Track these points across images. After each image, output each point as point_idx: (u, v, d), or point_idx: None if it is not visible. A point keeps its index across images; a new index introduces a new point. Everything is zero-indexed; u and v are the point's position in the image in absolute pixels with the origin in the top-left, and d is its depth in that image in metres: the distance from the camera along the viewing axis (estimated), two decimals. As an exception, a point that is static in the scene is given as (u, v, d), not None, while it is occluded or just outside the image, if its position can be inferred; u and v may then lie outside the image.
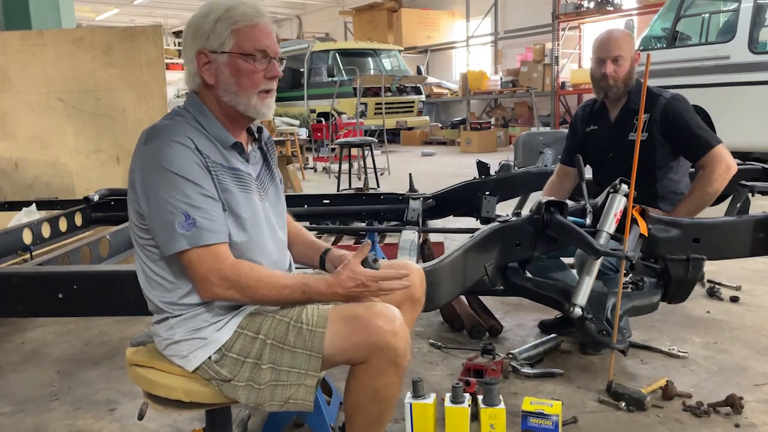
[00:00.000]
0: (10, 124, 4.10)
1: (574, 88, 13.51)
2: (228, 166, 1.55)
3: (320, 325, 1.49)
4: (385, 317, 1.48)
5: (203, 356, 1.51)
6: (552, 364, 2.58)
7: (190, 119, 1.56)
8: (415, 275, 1.78)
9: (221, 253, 1.47)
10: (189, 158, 1.46)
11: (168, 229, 1.44)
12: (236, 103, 1.55)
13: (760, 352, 2.66)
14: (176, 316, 1.54)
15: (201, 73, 1.54)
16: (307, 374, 1.48)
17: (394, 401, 1.57)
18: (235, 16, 1.52)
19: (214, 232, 1.46)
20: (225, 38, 1.51)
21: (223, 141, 1.56)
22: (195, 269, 1.46)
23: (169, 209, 1.44)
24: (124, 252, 3.10)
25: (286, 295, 1.51)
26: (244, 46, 1.52)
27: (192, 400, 1.53)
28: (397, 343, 1.47)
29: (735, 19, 7.33)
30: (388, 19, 17.86)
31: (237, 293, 1.48)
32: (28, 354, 2.93)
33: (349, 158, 7.76)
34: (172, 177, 1.44)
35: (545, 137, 7.42)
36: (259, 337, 1.51)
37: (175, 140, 1.47)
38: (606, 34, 2.79)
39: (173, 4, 20.92)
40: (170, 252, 1.46)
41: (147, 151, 1.48)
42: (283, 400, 1.49)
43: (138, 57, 4.05)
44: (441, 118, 17.29)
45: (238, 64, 1.52)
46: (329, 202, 3.61)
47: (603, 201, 2.27)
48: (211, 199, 1.48)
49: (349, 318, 1.49)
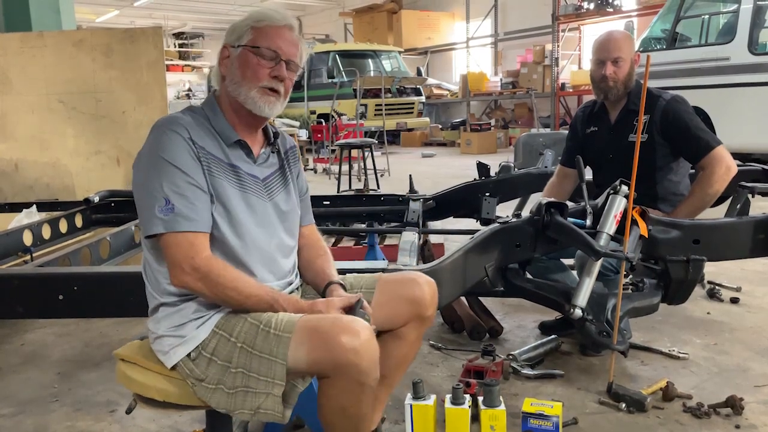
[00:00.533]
0: (11, 126, 4.10)
1: (574, 90, 13.52)
2: (227, 161, 1.58)
3: (287, 330, 1.45)
4: (350, 332, 1.39)
5: (182, 353, 1.52)
6: (552, 365, 2.58)
7: (200, 114, 1.61)
8: (425, 291, 1.69)
9: (198, 243, 1.48)
10: (181, 146, 1.51)
11: (148, 212, 1.48)
12: (237, 93, 1.59)
13: (761, 353, 2.66)
14: (164, 305, 1.55)
15: (220, 69, 1.63)
16: (273, 383, 1.43)
17: (367, 416, 1.52)
18: (260, 16, 1.60)
19: (192, 221, 1.48)
20: (244, 33, 1.59)
21: (226, 137, 1.60)
22: (170, 254, 1.48)
23: (152, 192, 1.48)
24: (124, 253, 3.10)
25: (251, 303, 1.51)
26: (258, 41, 1.58)
27: (165, 399, 1.54)
28: (359, 361, 1.38)
29: (735, 20, 7.33)
30: (388, 21, 17.87)
31: (204, 287, 1.48)
32: (29, 355, 2.93)
33: (349, 159, 7.76)
34: (161, 162, 1.49)
35: (545, 138, 7.44)
36: (231, 340, 1.50)
37: (171, 129, 1.53)
38: (606, 36, 2.79)
39: (173, 6, 20.95)
40: (147, 233, 1.50)
41: (148, 139, 1.55)
42: (253, 408, 1.44)
43: (138, 59, 4.05)
44: (441, 120, 17.30)
45: (247, 57, 1.58)
46: (329, 203, 3.62)
47: (603, 202, 2.27)
48: (197, 188, 1.50)
49: (313, 330, 1.43)
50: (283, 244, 1.69)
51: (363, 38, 17.85)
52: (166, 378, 1.55)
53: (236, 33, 1.60)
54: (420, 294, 1.68)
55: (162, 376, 1.55)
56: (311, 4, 21.92)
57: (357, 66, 13.95)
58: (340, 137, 9.50)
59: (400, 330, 1.70)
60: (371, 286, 1.73)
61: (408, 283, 1.71)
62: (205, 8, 21.12)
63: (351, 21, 19.53)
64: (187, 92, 19.56)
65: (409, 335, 1.72)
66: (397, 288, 1.71)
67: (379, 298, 1.68)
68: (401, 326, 1.70)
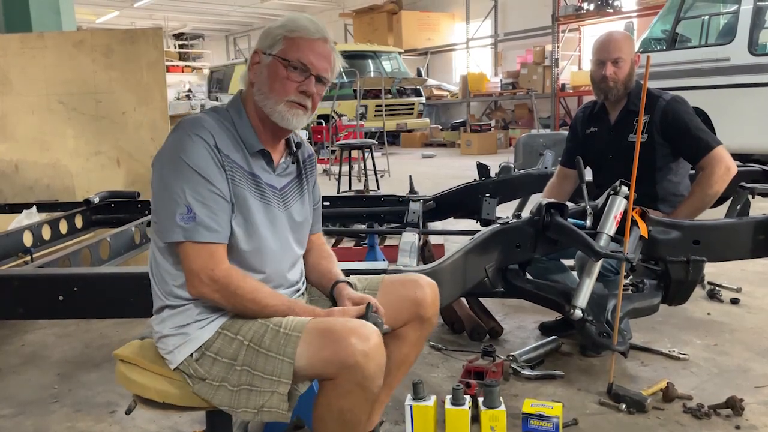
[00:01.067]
0: (11, 126, 4.11)
1: (574, 90, 13.52)
2: (248, 170, 1.56)
3: (296, 330, 1.46)
4: (360, 335, 1.40)
5: (186, 353, 1.52)
6: (552, 366, 2.58)
7: (225, 117, 1.58)
8: (427, 292, 1.70)
9: (218, 254, 1.48)
10: (206, 153, 1.48)
11: (168, 218, 1.46)
12: (264, 104, 1.56)
13: (761, 354, 2.66)
14: (169, 307, 1.55)
15: (249, 71, 1.59)
16: (279, 381, 1.43)
17: (362, 423, 1.51)
18: (294, 26, 1.56)
19: (213, 231, 1.47)
20: (277, 42, 1.55)
21: (250, 145, 1.57)
22: (188, 263, 1.47)
23: (174, 198, 1.46)
24: (124, 254, 3.11)
25: (268, 313, 1.52)
26: (289, 53, 1.54)
27: (165, 400, 1.54)
28: (367, 364, 1.39)
29: (735, 21, 7.34)
30: (388, 22, 17.87)
31: (222, 298, 1.48)
32: (29, 356, 2.93)
33: (350, 160, 7.76)
34: (185, 168, 1.46)
35: (545, 139, 7.44)
36: (237, 338, 1.50)
37: (196, 133, 1.49)
38: (606, 36, 2.80)
39: (173, 7, 20.96)
40: (166, 240, 1.49)
41: (170, 139, 1.52)
42: (257, 407, 1.44)
43: (138, 59, 4.05)
44: (441, 120, 17.30)
45: (277, 68, 1.55)
46: (329, 204, 3.62)
47: (603, 203, 2.28)
48: (220, 197, 1.49)
49: (323, 331, 1.44)
50: (294, 254, 1.69)
51: (363, 39, 17.85)
52: (165, 379, 1.55)
53: (269, 39, 1.56)
54: (421, 295, 1.69)
55: (161, 377, 1.55)
56: (311, 5, 21.92)
57: (357, 67, 13.92)
58: (340, 138, 9.51)
59: (401, 331, 1.70)
60: (374, 288, 1.73)
61: (409, 284, 1.71)
62: (205, 9, 21.13)
63: (351, 22, 19.53)
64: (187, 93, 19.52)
65: (410, 336, 1.72)
66: (398, 289, 1.71)
67: (381, 299, 1.68)
68: (402, 327, 1.70)
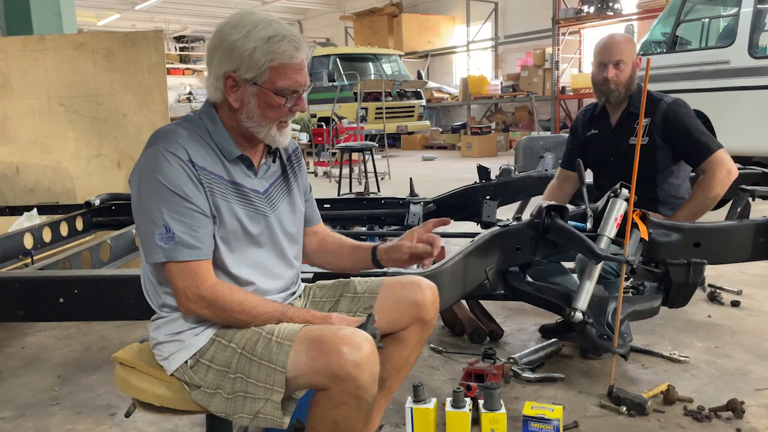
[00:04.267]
0: (12, 129, 4.11)
1: (574, 93, 13.52)
2: (228, 179, 1.53)
3: (288, 339, 1.44)
4: (352, 344, 1.37)
5: (180, 360, 1.51)
6: (553, 368, 2.58)
7: (198, 126, 1.54)
8: (427, 295, 1.69)
9: (202, 271, 1.46)
10: (180, 171, 1.45)
11: (148, 238, 1.45)
12: (256, 131, 1.53)
13: (762, 356, 2.66)
14: (163, 317, 1.56)
15: (226, 95, 1.51)
16: (272, 389, 1.42)
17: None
18: (274, 52, 1.46)
19: (193, 249, 1.45)
20: (260, 72, 1.47)
21: (228, 153, 1.54)
22: (175, 282, 1.47)
23: (152, 219, 1.44)
24: (124, 257, 3.10)
25: (260, 322, 1.51)
26: (278, 84, 1.49)
27: (162, 404, 1.54)
28: (359, 375, 1.36)
29: (735, 23, 7.34)
30: (388, 24, 17.89)
31: (212, 314, 1.48)
32: (29, 358, 2.93)
33: (350, 163, 7.77)
34: (161, 187, 1.44)
35: (546, 142, 7.42)
36: (230, 346, 1.50)
37: (170, 150, 1.45)
38: (608, 39, 2.80)
39: (174, 10, 21.00)
40: (149, 261, 1.48)
41: (145, 156, 1.49)
42: (252, 413, 1.44)
43: (139, 62, 4.06)
44: (441, 123, 17.31)
45: (268, 99, 1.50)
46: (330, 206, 3.62)
47: (603, 205, 2.28)
48: (199, 213, 1.46)
49: (313, 340, 1.41)
50: (285, 254, 1.67)
51: (364, 42, 17.86)
52: (163, 383, 1.55)
53: (246, 67, 1.46)
54: (422, 298, 1.68)
55: (159, 381, 1.55)
56: (312, 8, 21.96)
57: (357, 69, 13.95)
58: (340, 140, 9.52)
59: (401, 333, 1.70)
60: (375, 290, 1.72)
61: (410, 286, 1.71)
62: (206, 12, 21.16)
63: (352, 24, 19.55)
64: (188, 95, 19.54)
65: (410, 339, 1.71)
66: (399, 291, 1.70)
67: (381, 301, 1.68)
68: (402, 329, 1.69)
